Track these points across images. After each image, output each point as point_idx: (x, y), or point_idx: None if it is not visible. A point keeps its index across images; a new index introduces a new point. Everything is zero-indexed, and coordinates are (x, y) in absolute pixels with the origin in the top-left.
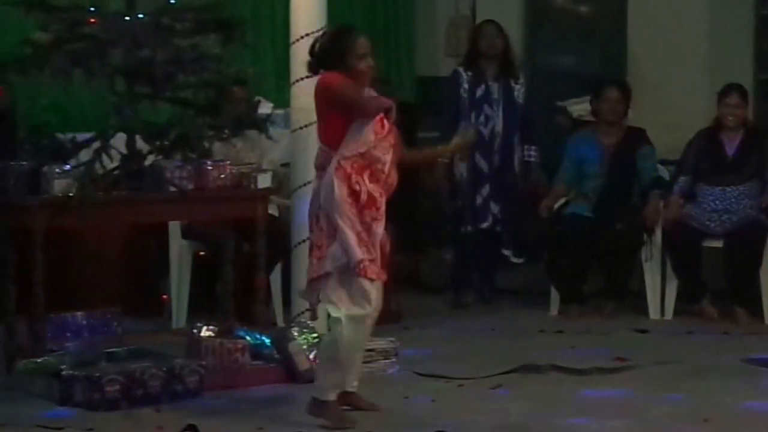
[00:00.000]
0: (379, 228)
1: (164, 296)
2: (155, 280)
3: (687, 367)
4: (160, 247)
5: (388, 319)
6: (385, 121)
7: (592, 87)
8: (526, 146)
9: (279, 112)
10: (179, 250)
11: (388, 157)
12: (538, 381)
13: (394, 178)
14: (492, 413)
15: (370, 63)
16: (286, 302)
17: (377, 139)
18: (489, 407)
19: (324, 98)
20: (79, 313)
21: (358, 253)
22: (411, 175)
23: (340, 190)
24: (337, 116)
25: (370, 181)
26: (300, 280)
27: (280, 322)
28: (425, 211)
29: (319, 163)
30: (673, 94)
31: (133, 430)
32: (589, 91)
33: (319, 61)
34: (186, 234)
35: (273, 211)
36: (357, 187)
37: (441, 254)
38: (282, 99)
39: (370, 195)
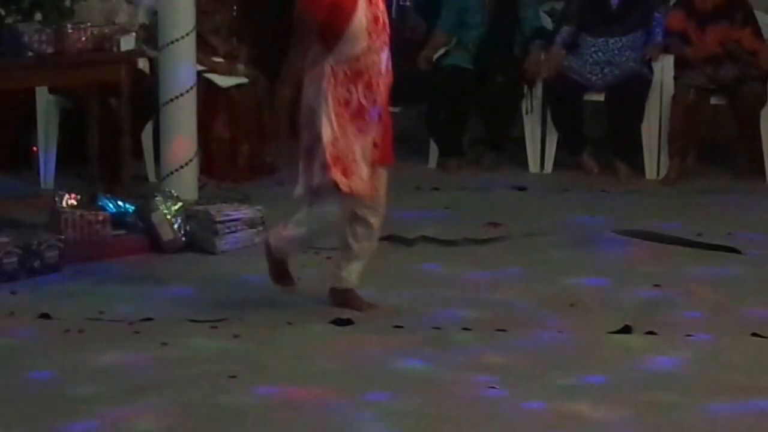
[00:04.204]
0: (367, 138)
1: (34, 148)
2: (23, 133)
3: (558, 238)
4: (27, 101)
5: (261, 171)
6: (379, 14)
7: None
8: None
9: None
10: (46, 105)
11: (384, 56)
12: (405, 254)
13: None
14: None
15: None
16: (157, 160)
17: (371, 40)
18: None
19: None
20: None
21: (333, 172)
22: None
23: (333, 94)
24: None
25: (365, 89)
26: (168, 138)
27: (152, 178)
28: None
29: (311, 59)
30: None
31: None
32: None
33: None
34: (52, 89)
35: (144, 66)
36: (348, 96)
37: None
38: None
39: (360, 104)
